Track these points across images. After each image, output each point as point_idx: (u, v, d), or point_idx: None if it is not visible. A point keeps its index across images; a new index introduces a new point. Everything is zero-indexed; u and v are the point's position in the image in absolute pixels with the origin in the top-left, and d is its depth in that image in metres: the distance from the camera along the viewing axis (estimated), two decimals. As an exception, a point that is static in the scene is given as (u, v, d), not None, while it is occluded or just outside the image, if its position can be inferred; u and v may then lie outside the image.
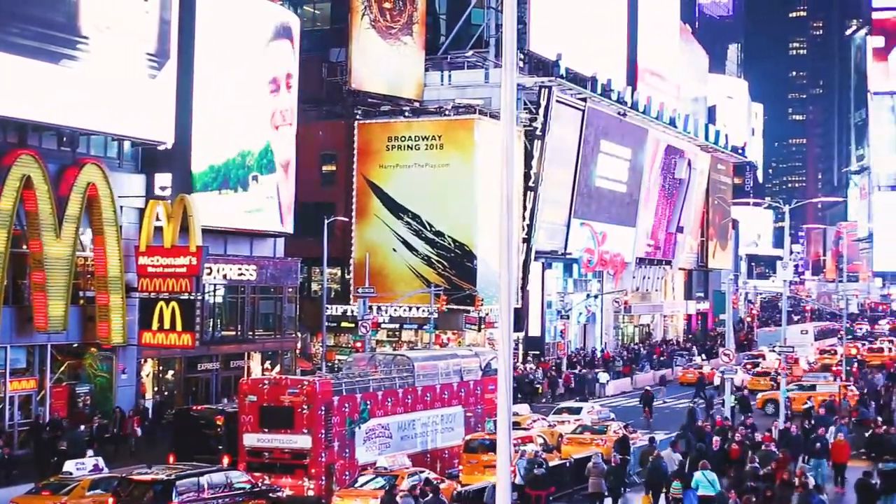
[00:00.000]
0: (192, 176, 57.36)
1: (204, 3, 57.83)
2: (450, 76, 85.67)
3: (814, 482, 33.69)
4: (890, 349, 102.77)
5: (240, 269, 61.68)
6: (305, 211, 70.37)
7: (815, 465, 39.03)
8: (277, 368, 63.42)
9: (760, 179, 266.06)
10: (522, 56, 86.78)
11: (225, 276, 60.49)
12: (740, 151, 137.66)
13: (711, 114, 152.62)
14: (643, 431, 51.72)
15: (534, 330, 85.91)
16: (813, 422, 46.49)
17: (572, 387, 75.25)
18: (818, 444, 40.08)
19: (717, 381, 68.65)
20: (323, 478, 36.93)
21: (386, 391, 40.90)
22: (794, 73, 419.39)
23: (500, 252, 15.12)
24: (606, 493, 36.82)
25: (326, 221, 70.92)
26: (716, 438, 39.12)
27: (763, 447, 38.81)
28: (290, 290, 66.84)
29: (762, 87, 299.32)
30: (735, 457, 37.54)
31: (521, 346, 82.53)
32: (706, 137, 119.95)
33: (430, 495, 31.39)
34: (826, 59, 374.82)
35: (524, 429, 45.92)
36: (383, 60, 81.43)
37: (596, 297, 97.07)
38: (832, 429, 43.10)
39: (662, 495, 35.27)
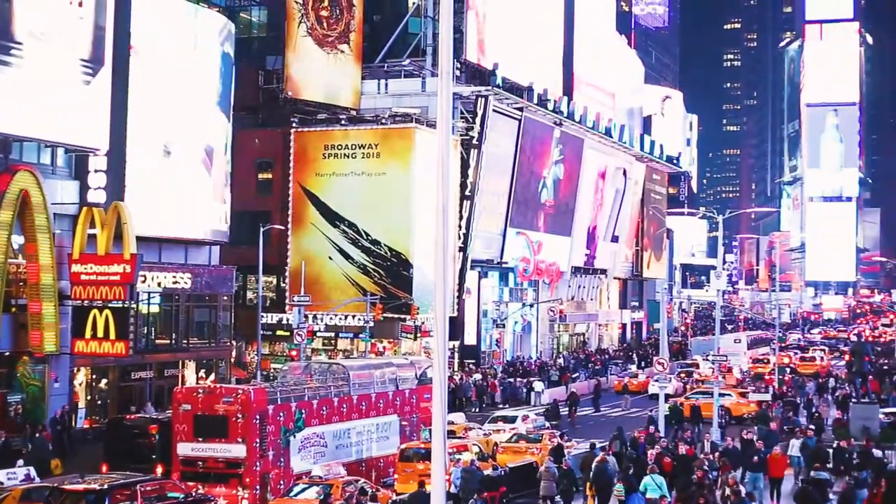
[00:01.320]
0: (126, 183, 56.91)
1: (139, 10, 57.45)
2: (387, 85, 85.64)
3: (747, 493, 33.98)
4: (822, 358, 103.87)
5: (174, 277, 61.27)
6: (241, 219, 70.11)
7: (752, 478, 38.41)
8: (212, 377, 63.05)
9: (695, 190, 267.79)
10: (459, 65, 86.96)
11: (159, 284, 60.08)
12: (675, 162, 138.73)
13: (646, 124, 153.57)
14: (577, 440, 52.04)
15: (469, 339, 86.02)
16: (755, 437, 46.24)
17: (508, 396, 75.63)
18: (755, 458, 39.26)
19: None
20: (257, 487, 36.73)
21: (321, 400, 40.73)
22: (728, 84, 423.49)
23: (435, 261, 15.15)
24: (558, 497, 37.25)
25: (262, 229, 70.67)
26: (651, 452, 38.66)
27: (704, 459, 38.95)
28: (226, 298, 66.50)
29: (697, 98, 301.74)
30: (668, 469, 37.04)
31: (456, 355, 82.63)
32: (641, 147, 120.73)
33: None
34: (760, 71, 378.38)
35: (459, 437, 45.97)
36: (320, 69, 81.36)
37: (531, 305, 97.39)
38: (795, 442, 43.24)
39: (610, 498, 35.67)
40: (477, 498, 33.83)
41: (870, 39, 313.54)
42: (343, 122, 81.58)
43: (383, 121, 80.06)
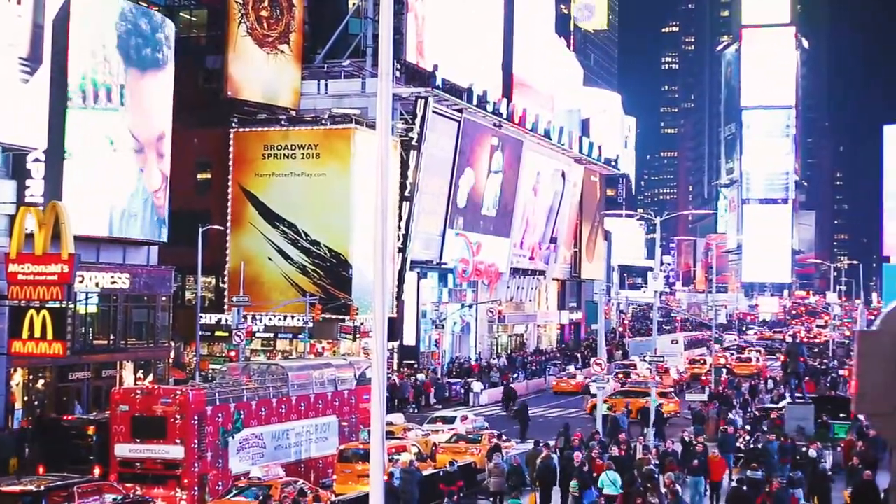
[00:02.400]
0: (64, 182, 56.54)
1: (78, 8, 57.08)
2: (326, 85, 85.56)
3: (688, 498, 34.41)
4: (758, 359, 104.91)
5: (112, 277, 60.93)
6: (180, 219, 69.74)
7: (692, 482, 38.14)
8: (150, 378, 62.74)
9: (633, 191, 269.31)
10: (399, 66, 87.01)
11: (97, 285, 59.71)
12: (613, 164, 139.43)
13: (585, 126, 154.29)
14: (516, 440, 52.37)
15: (409, 339, 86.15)
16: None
17: (447, 396, 75.93)
18: (696, 461, 38.89)
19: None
20: (196, 488, 36.69)
21: (260, 401, 40.75)
22: (666, 86, 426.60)
23: (374, 262, 15.27)
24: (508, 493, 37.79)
25: (201, 230, 70.42)
26: (577, 454, 38.31)
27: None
28: (164, 298, 66.16)
29: (635, 101, 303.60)
30: (599, 472, 36.65)
31: (395, 356, 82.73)
32: (580, 149, 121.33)
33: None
34: (697, 74, 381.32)
35: (398, 438, 46.10)
36: (260, 69, 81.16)
37: (470, 306, 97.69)
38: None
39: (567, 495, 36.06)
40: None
41: (805, 43, 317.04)
42: (283, 122, 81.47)
43: (323, 121, 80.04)
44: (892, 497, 10.94)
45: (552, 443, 44.24)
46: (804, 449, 42.91)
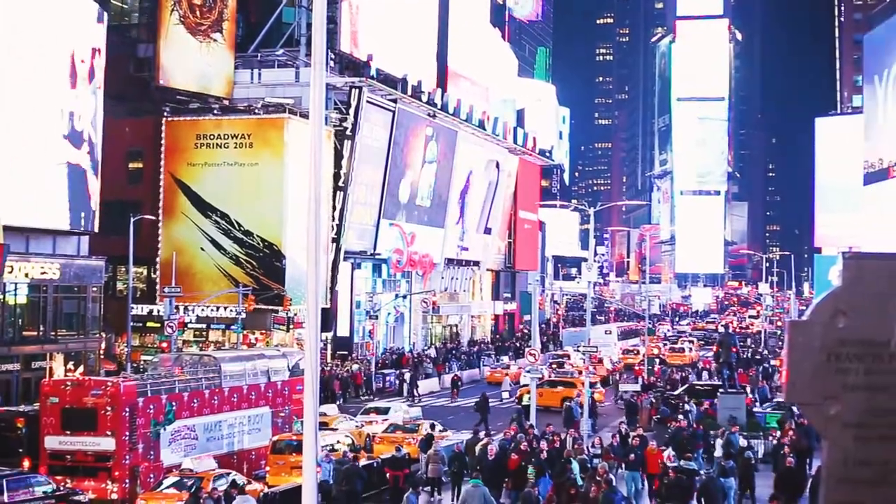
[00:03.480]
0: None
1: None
2: (260, 74, 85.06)
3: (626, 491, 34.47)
4: (690, 349, 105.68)
5: (42, 267, 60.27)
6: (111, 209, 69.11)
7: (629, 477, 37.42)
8: (81, 369, 62.12)
9: (567, 182, 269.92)
10: (333, 56, 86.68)
11: (27, 275, 59.05)
12: (548, 154, 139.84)
13: (520, 117, 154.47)
14: (452, 429, 52.33)
15: (342, 330, 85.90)
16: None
17: (384, 387, 75.90)
18: (632, 455, 38.08)
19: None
20: (127, 481, 36.34)
21: (192, 392, 40.43)
22: (600, 78, 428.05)
23: (307, 252, 15.09)
24: (446, 480, 38.30)
25: (132, 219, 69.75)
26: (491, 446, 38.06)
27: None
28: (95, 289, 65.57)
29: (570, 92, 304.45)
30: (514, 467, 36.29)
31: (329, 347, 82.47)
32: (514, 140, 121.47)
33: (236, 497, 31.20)
34: (632, 66, 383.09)
35: (332, 429, 45.92)
36: (192, 57, 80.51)
37: (405, 297, 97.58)
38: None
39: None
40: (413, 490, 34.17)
41: (739, 36, 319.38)
42: (216, 111, 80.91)
43: (256, 111, 79.57)
44: (823, 486, 10.81)
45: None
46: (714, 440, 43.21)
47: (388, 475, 38.14)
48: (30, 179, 58.41)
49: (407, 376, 76.97)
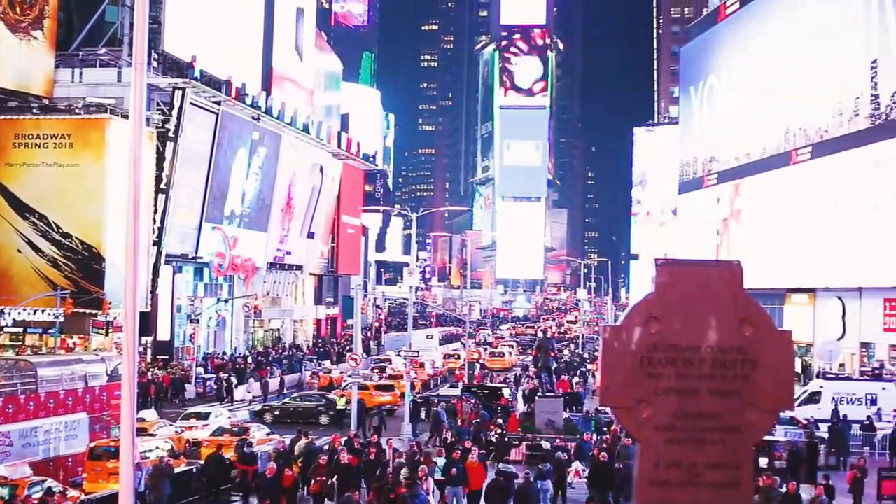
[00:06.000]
0: None
1: None
2: (81, 74, 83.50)
3: None
4: (510, 354, 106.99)
5: None
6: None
7: (451, 492, 35.40)
8: None
9: (391, 188, 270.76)
10: (156, 56, 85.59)
11: None
12: (371, 160, 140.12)
13: (344, 121, 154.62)
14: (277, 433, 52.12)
15: (163, 334, 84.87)
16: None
17: (204, 392, 75.22)
18: (454, 469, 35.55)
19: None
20: (-63, 488, 35.43)
21: (7, 397, 39.61)
22: (425, 84, 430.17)
23: (126, 255, 15.00)
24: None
25: (-55, 220, 67.98)
26: (271, 465, 36.47)
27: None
28: None
29: (394, 98, 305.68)
30: (288, 484, 34.81)
31: (149, 351, 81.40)
32: (338, 145, 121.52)
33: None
34: (456, 73, 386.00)
35: (151, 435, 45.40)
36: (11, 55, 78.70)
37: (226, 301, 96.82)
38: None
39: None
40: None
41: (561, 45, 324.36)
42: (35, 110, 79.23)
43: (77, 110, 78.17)
44: (635, 487, 11.31)
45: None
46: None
47: (238, 470, 38.61)
48: None
49: (227, 381, 76.36)
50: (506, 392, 64.16)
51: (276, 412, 62.60)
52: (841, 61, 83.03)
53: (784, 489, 32.36)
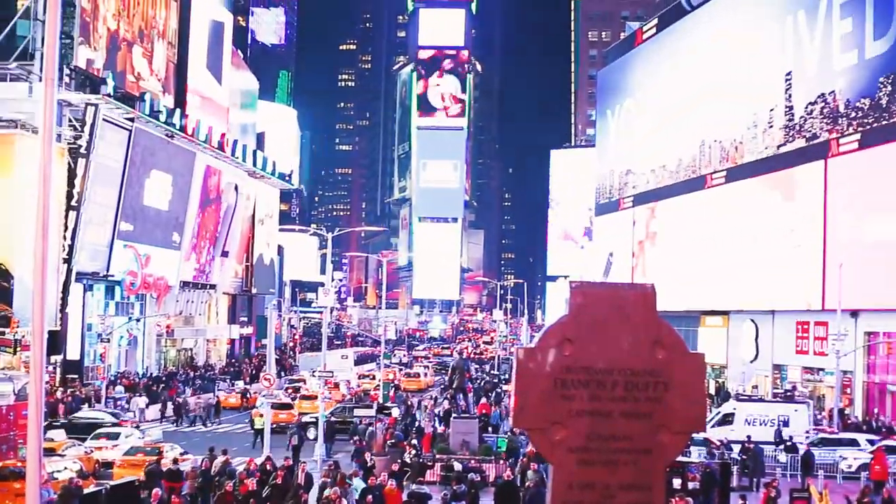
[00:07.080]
0: None
1: None
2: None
3: None
4: (426, 374, 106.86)
5: None
6: None
7: None
8: None
9: (307, 207, 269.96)
10: (69, 71, 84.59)
11: None
12: (287, 179, 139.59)
13: (260, 140, 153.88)
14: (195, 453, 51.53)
15: (73, 353, 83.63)
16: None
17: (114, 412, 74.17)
18: (370, 496, 33.70)
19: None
20: None
21: None
22: (342, 104, 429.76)
23: (34, 272, 14.69)
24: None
25: None
26: (229, 483, 36.65)
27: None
28: None
29: (311, 117, 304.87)
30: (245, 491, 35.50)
31: (58, 370, 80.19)
32: (254, 163, 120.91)
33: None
34: (373, 93, 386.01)
35: (59, 455, 44.67)
36: (-82, 68, 77.43)
37: (138, 320, 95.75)
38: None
39: None
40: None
41: (479, 67, 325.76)
42: (-58, 125, 77.95)
43: (-14, 126, 76.97)
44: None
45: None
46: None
47: (164, 486, 37.57)
48: None
49: (137, 401, 75.46)
50: (395, 412, 65.17)
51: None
52: (756, 74, 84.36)
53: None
